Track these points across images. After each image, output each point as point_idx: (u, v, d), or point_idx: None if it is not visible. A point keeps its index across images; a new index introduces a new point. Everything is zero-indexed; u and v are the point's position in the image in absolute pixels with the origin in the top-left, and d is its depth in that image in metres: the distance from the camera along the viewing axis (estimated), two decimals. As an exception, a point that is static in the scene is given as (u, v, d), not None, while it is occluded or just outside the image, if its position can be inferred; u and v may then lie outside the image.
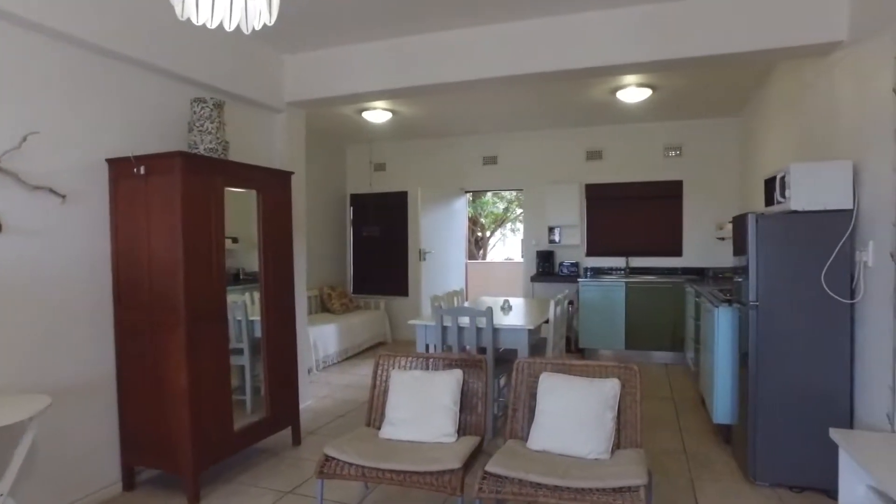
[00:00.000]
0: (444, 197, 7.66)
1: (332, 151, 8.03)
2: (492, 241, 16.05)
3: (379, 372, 3.05)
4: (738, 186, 6.40)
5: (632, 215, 6.87)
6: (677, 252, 6.69)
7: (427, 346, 4.16)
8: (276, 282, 3.76)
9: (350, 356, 6.79)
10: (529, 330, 3.85)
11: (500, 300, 5.25)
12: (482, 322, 3.87)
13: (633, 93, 5.23)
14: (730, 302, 3.63)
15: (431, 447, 2.65)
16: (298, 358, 4.08)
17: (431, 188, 7.45)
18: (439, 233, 7.54)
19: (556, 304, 4.34)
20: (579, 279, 6.42)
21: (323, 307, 7.53)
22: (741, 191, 6.30)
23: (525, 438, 2.69)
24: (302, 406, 4.31)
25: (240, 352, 3.78)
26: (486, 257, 15.15)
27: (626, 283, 6.21)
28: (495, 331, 3.90)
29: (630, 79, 5.02)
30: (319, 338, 6.17)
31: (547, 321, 4.32)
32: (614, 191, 6.91)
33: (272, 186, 3.72)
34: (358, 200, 8.13)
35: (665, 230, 6.75)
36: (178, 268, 2.93)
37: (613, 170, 6.92)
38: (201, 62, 3.65)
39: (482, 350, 3.90)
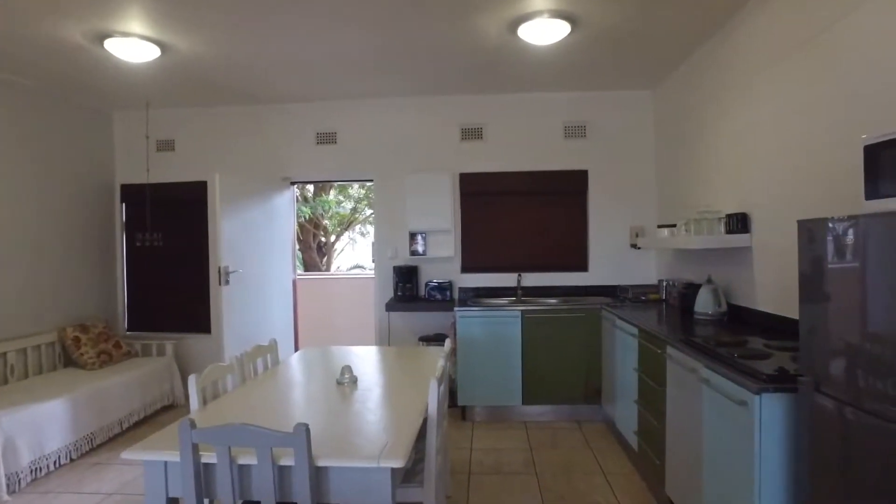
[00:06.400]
0: (260, 190, 5.28)
1: (88, 119, 5.26)
2: (338, 246, 13.78)
3: None
4: (657, 180, 4.91)
5: (523, 217, 5.09)
6: (583, 266, 5.04)
7: (170, 505, 1.90)
8: None
9: (100, 444, 4.18)
10: (394, 470, 1.78)
11: (342, 360, 3.11)
12: (288, 457, 1.72)
13: (543, 28, 3.38)
14: (790, 382, 1.87)
15: None
16: None
17: (241, 178, 5.05)
18: (255, 243, 5.15)
19: (440, 382, 2.32)
20: (456, 308, 4.49)
21: (67, 360, 4.81)
22: (663, 186, 4.81)
23: None
24: None
25: None
26: (331, 266, 12.82)
27: (523, 311, 4.39)
28: (320, 471, 1.77)
29: (540, 2, 3.18)
30: (20, 429, 3.49)
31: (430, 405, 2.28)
32: (499, 183, 5.08)
33: None
34: (132, 194, 5.46)
35: (567, 237, 5.06)
36: None
37: (498, 154, 5.09)
38: None
39: (290, 516, 1.74)
